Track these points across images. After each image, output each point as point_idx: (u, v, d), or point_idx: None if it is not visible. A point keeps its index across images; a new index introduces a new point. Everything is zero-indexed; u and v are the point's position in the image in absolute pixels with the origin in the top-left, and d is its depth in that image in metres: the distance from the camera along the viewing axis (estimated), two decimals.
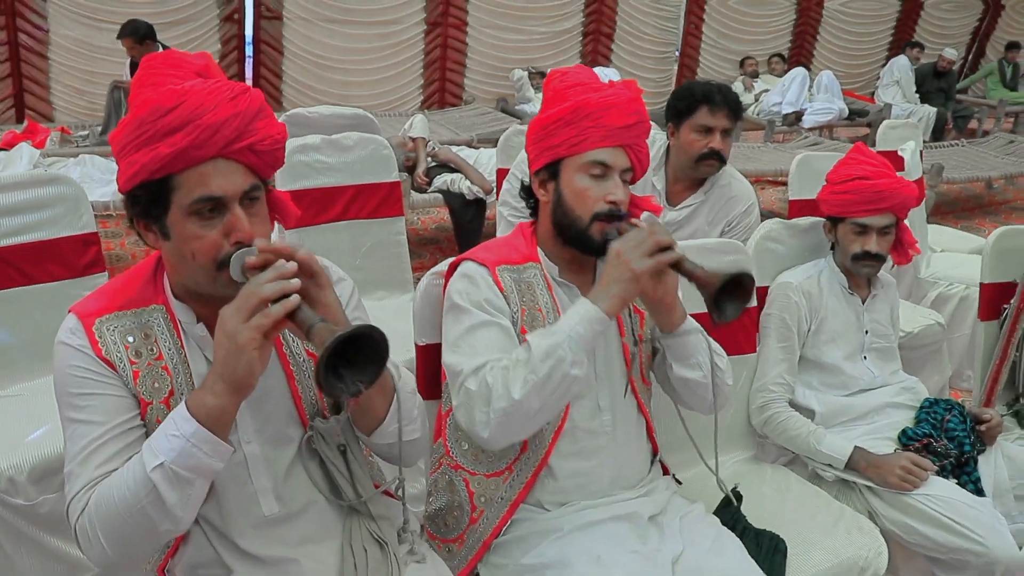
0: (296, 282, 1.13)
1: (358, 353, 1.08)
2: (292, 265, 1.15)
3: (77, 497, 1.21)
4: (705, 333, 1.68)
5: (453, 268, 1.67)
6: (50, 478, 1.97)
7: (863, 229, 2.18)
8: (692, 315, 1.66)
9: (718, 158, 2.57)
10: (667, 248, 1.45)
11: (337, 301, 1.25)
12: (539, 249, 1.68)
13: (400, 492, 1.44)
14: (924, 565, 2.02)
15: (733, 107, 2.56)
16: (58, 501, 1.99)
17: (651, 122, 3.00)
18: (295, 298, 1.12)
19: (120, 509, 1.16)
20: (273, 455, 1.36)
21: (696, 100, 2.54)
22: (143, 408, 1.27)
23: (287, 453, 1.37)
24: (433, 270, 1.79)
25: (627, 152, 1.59)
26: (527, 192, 1.70)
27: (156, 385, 1.28)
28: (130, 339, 1.28)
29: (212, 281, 1.22)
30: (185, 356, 1.31)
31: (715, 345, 1.68)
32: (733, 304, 1.42)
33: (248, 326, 1.10)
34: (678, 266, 1.46)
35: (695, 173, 2.62)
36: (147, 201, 1.20)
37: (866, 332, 2.27)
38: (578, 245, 1.61)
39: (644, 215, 1.58)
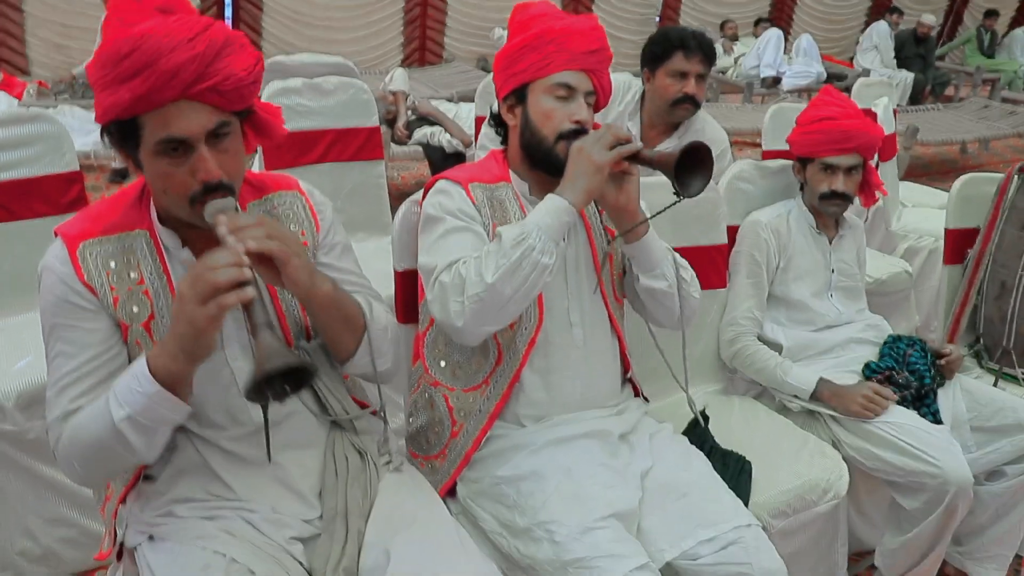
0: (248, 273, 1.14)
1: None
2: (244, 259, 1.15)
3: (53, 425, 1.30)
4: (671, 249, 1.74)
5: (428, 189, 1.72)
6: (38, 405, 1.99)
7: (830, 169, 2.24)
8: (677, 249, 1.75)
9: (692, 102, 2.61)
10: (625, 143, 1.52)
11: (303, 267, 1.27)
12: (510, 171, 1.74)
13: (381, 414, 1.52)
14: (883, 490, 2.11)
15: (707, 52, 2.60)
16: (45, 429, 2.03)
17: (627, 72, 3.04)
18: (250, 292, 1.14)
19: (92, 446, 1.25)
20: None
21: (671, 45, 2.58)
22: (124, 331, 1.32)
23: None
24: (411, 198, 1.84)
25: (590, 77, 1.65)
26: (496, 120, 1.76)
27: (136, 310, 1.32)
28: (112, 264, 1.32)
29: (188, 214, 1.27)
30: (168, 280, 1.35)
31: (680, 259, 1.75)
32: (697, 178, 1.48)
33: (204, 313, 1.13)
34: (637, 156, 1.53)
35: (670, 117, 2.67)
36: (119, 137, 1.24)
37: (832, 271, 2.34)
38: (544, 165, 1.66)
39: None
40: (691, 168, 1.46)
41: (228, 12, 7.77)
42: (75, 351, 1.30)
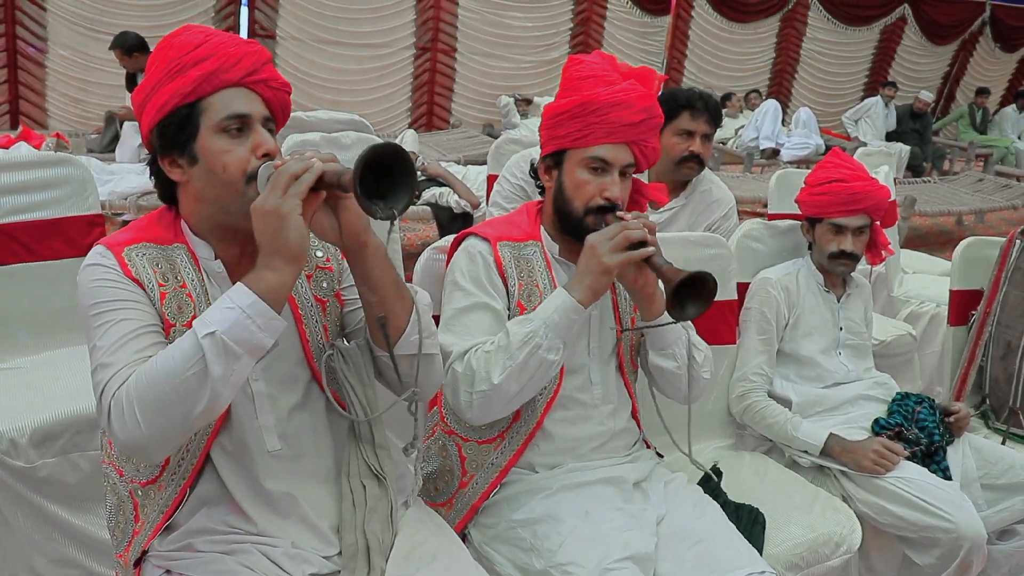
0: (317, 161, 1.21)
1: (387, 184, 1.17)
2: (311, 152, 1.23)
3: (116, 376, 1.21)
4: (690, 327, 1.75)
5: (457, 242, 1.74)
6: (51, 442, 2.00)
7: (839, 229, 2.29)
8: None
9: (697, 161, 2.66)
10: (640, 243, 1.52)
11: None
12: (542, 228, 1.75)
13: (414, 408, 1.43)
14: (895, 546, 2.10)
15: (713, 113, 2.66)
16: (57, 466, 2.02)
17: None
18: (320, 165, 1.20)
19: (163, 379, 1.16)
20: (278, 394, 1.41)
21: (678, 105, 2.64)
22: (166, 329, 1.32)
23: (292, 393, 1.43)
24: (433, 245, 1.88)
25: (631, 148, 1.64)
26: (536, 173, 1.78)
27: (180, 308, 1.33)
28: (157, 265, 1.34)
29: (240, 195, 1.28)
30: (206, 289, 1.37)
31: (696, 339, 1.75)
32: (694, 304, 1.48)
33: (287, 196, 1.18)
34: (648, 261, 1.53)
35: (675, 176, 2.71)
36: (176, 127, 1.29)
37: (841, 328, 2.37)
38: (573, 233, 1.67)
39: (633, 212, 1.62)
40: (693, 291, 1.46)
41: None
42: (136, 316, 1.27)
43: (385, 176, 1.17)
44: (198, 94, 1.28)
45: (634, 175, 1.73)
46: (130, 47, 5.74)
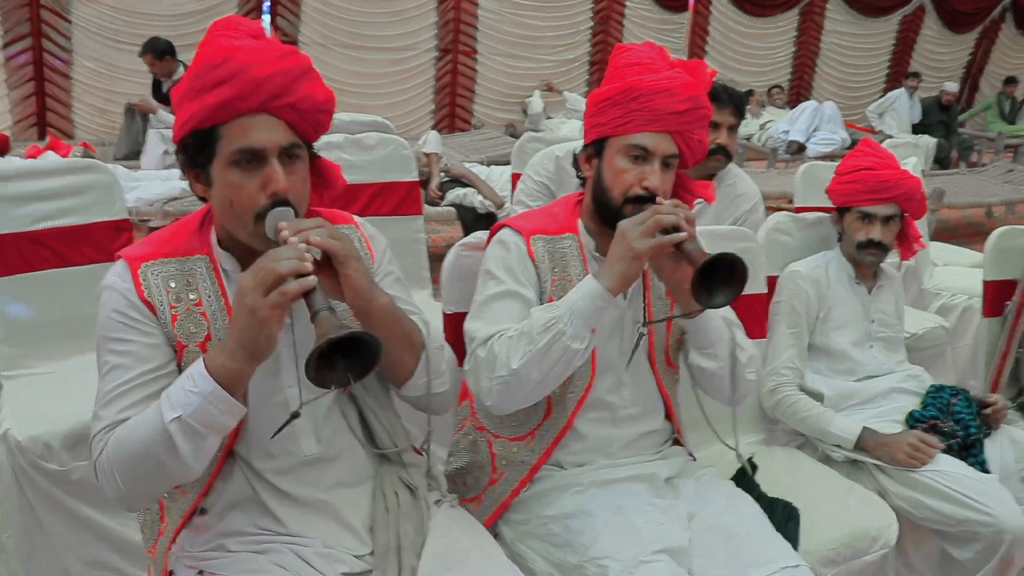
0: (309, 266, 1.17)
1: (354, 348, 1.14)
2: (305, 253, 1.18)
3: (98, 437, 1.28)
4: (736, 327, 1.70)
5: (493, 233, 1.72)
6: (83, 445, 1.98)
7: (868, 218, 2.25)
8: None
9: (724, 153, 2.60)
10: (671, 228, 1.45)
11: (362, 272, 1.31)
12: (580, 221, 1.71)
13: (426, 445, 1.50)
14: (932, 541, 2.06)
15: (737, 105, 2.61)
16: (90, 469, 2.02)
17: None
18: (312, 280, 1.16)
19: (136, 453, 1.23)
20: (312, 397, 1.41)
21: None
22: (179, 351, 1.33)
23: (326, 398, 1.43)
24: (461, 241, 1.87)
25: (674, 138, 1.58)
26: (578, 163, 1.73)
27: (193, 330, 1.34)
28: (172, 284, 1.34)
29: (250, 232, 1.29)
30: (225, 303, 1.36)
31: (741, 339, 1.69)
32: (723, 291, 1.41)
33: (266, 303, 1.14)
34: (679, 247, 1.46)
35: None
36: (195, 149, 1.28)
37: (872, 321, 2.33)
38: (611, 224, 1.61)
39: (671, 201, 1.54)
40: (721, 276, 1.40)
41: None
42: (131, 364, 1.30)
43: (353, 347, 1.14)
44: (214, 121, 1.25)
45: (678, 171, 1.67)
46: (161, 51, 5.84)
